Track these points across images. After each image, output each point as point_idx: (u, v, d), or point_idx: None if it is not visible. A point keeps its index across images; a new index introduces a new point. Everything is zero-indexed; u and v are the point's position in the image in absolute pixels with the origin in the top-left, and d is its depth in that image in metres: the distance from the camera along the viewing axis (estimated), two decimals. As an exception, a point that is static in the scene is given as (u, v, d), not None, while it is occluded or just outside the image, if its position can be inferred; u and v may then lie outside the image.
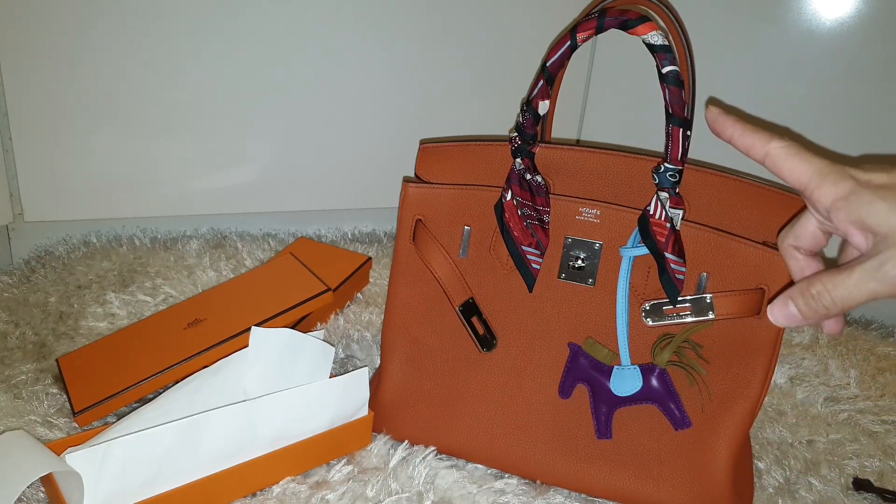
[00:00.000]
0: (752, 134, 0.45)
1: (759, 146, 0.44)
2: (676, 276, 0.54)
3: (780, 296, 0.45)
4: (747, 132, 0.45)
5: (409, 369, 0.65)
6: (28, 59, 0.91)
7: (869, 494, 0.64)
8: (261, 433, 0.58)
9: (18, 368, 0.73)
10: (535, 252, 0.58)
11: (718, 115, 0.46)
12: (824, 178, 0.41)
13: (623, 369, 0.58)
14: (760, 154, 0.44)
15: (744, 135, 0.45)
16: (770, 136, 0.44)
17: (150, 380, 0.66)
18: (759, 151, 0.44)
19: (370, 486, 0.59)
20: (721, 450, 0.58)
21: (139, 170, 1.01)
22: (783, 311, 0.45)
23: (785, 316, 0.45)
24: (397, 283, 0.64)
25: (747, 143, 0.45)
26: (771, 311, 0.45)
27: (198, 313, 0.75)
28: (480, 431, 0.63)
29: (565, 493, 0.62)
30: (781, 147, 0.43)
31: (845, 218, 0.40)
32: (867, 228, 0.40)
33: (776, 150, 0.43)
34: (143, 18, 0.94)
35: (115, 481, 0.51)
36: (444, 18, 1.06)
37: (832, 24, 0.94)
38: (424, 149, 0.64)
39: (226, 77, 1.00)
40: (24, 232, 0.98)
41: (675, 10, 0.57)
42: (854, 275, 0.40)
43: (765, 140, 0.44)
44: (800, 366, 0.85)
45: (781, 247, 0.48)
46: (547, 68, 0.55)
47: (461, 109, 1.12)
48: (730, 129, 0.46)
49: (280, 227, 1.10)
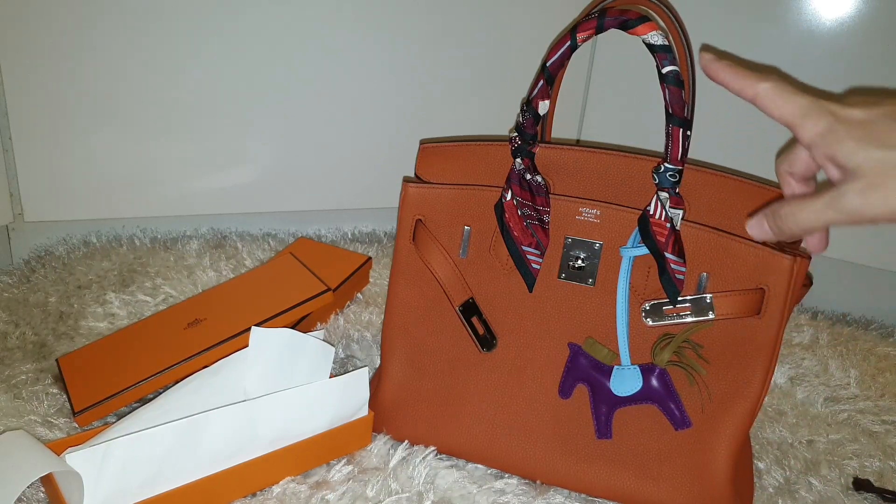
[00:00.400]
0: (742, 76, 0.47)
1: (749, 87, 0.46)
2: (676, 276, 0.54)
3: (758, 213, 0.48)
4: (738, 75, 0.47)
5: (409, 369, 0.65)
6: (28, 59, 0.91)
7: (869, 494, 0.64)
8: (261, 433, 0.58)
9: (18, 368, 0.73)
10: (535, 252, 0.58)
11: (711, 61, 0.48)
12: (806, 116, 0.43)
13: (623, 369, 0.58)
14: (751, 95, 0.46)
15: (735, 78, 0.47)
16: (759, 77, 0.46)
17: (150, 380, 0.66)
18: (749, 93, 0.46)
19: (370, 486, 0.59)
20: (721, 450, 0.58)
21: (139, 170, 1.01)
22: (758, 227, 0.48)
23: (759, 232, 0.49)
24: (397, 283, 0.64)
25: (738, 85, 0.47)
26: (749, 226, 0.49)
27: (198, 313, 0.75)
28: (480, 431, 0.63)
29: (565, 493, 0.62)
30: (769, 87, 0.45)
31: (820, 154, 0.43)
32: (837, 164, 0.42)
33: (764, 90, 0.45)
34: (143, 18, 0.94)
35: (115, 481, 0.51)
36: (444, 18, 1.06)
37: (832, 24, 0.94)
38: (424, 149, 0.64)
39: (226, 77, 1.00)
40: (24, 232, 0.98)
41: (675, 10, 0.57)
42: (817, 203, 0.43)
43: (754, 81, 0.46)
44: (800, 366, 0.85)
45: (777, 172, 0.50)
46: (547, 68, 0.55)
47: (461, 109, 1.12)
48: (722, 73, 0.48)
49: (280, 227, 1.10)
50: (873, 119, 0.42)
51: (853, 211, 0.42)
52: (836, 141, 0.42)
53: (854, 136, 0.41)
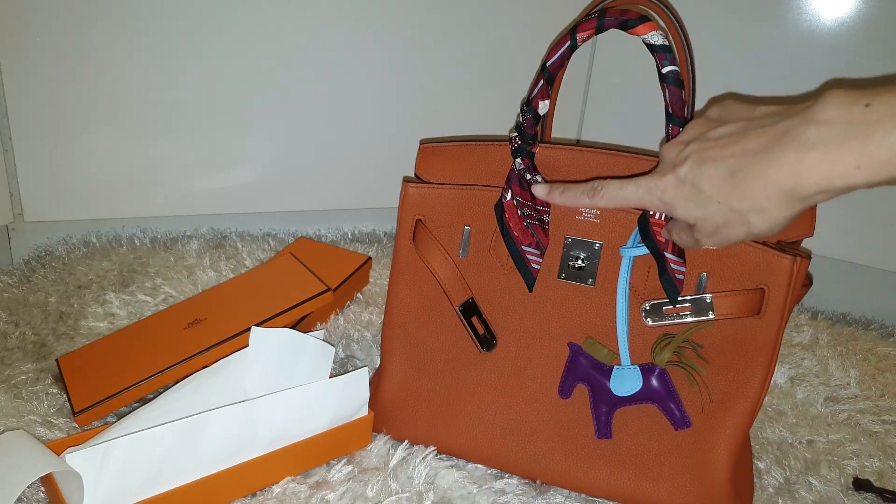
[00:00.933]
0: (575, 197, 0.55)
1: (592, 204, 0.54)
2: (676, 276, 0.54)
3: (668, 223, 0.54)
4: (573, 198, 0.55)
5: (409, 369, 0.65)
6: (28, 59, 0.91)
7: (869, 494, 0.64)
8: (261, 433, 0.58)
9: (18, 368, 0.73)
10: (535, 252, 0.58)
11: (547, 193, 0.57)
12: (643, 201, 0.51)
13: (623, 369, 0.58)
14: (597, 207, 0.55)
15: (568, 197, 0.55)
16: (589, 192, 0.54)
17: (150, 380, 0.66)
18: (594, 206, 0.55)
19: (370, 486, 0.59)
20: (721, 450, 0.58)
21: (139, 170, 1.01)
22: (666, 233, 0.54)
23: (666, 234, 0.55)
24: (397, 283, 0.64)
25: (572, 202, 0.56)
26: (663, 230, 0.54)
27: (198, 313, 0.75)
28: (480, 431, 0.63)
29: (565, 493, 0.62)
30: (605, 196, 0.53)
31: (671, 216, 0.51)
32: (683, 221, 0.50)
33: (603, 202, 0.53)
34: (143, 18, 0.94)
35: (115, 481, 0.51)
36: (444, 18, 1.06)
37: (832, 24, 0.94)
38: (424, 149, 0.64)
39: (226, 77, 1.00)
40: (24, 232, 0.98)
41: (675, 10, 0.57)
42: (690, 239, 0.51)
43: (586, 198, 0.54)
44: (800, 366, 0.85)
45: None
46: (547, 68, 0.55)
47: (461, 109, 1.12)
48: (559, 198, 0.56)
49: (280, 227, 1.10)
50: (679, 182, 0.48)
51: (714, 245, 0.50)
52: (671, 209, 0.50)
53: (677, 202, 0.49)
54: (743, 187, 0.44)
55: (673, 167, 0.48)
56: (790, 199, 0.43)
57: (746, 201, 0.45)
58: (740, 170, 0.45)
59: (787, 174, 0.42)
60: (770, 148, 0.43)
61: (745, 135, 0.45)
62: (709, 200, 0.47)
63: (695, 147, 0.48)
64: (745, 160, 0.44)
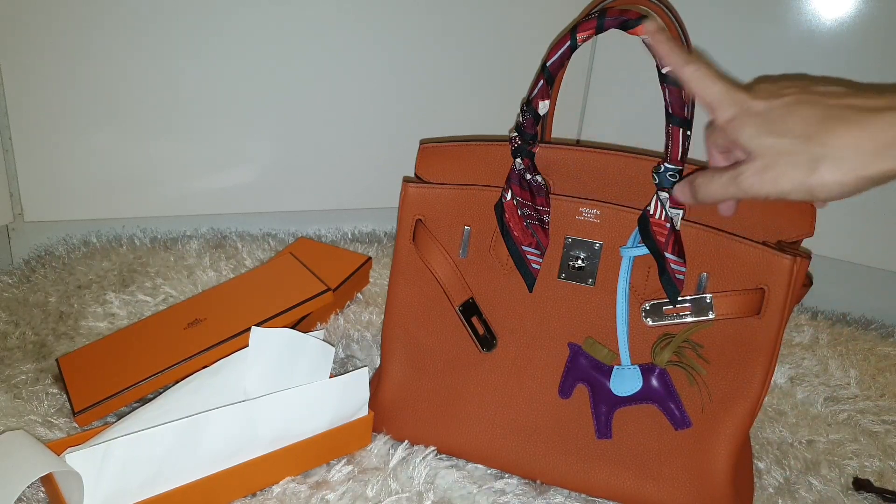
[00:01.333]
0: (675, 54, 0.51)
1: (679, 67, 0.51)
2: (676, 276, 0.54)
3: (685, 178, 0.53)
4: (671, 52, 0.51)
5: (409, 369, 0.65)
6: (28, 59, 0.91)
7: (869, 494, 0.64)
8: (261, 433, 0.58)
9: (18, 368, 0.73)
10: (535, 252, 0.58)
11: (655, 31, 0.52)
12: (720, 102, 0.49)
13: (623, 369, 0.58)
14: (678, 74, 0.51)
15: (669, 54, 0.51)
16: (687, 59, 0.50)
17: (150, 380, 0.66)
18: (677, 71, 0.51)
19: (370, 486, 0.59)
20: (721, 450, 0.58)
21: (139, 170, 1.01)
22: (681, 192, 0.53)
23: (681, 195, 0.53)
24: (397, 283, 0.64)
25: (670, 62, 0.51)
26: (674, 190, 0.54)
27: (198, 313, 0.75)
28: (480, 431, 0.63)
29: (565, 493, 0.62)
30: (694, 70, 0.50)
31: (729, 137, 0.49)
32: (740, 147, 0.48)
33: (691, 72, 0.50)
34: (143, 18, 0.94)
35: (115, 481, 0.51)
36: (444, 19, 1.06)
37: (832, 24, 0.94)
38: (424, 149, 0.64)
39: (226, 77, 1.00)
40: (24, 232, 0.98)
41: (675, 10, 0.57)
42: (722, 178, 0.49)
43: (683, 62, 0.50)
44: (800, 366, 0.85)
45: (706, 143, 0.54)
46: (547, 68, 0.55)
47: (461, 109, 1.12)
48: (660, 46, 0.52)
49: (280, 227, 1.10)
50: (770, 109, 0.47)
51: (748, 188, 0.47)
52: (740, 127, 0.47)
53: (753, 123, 0.47)
54: (834, 132, 0.44)
55: (766, 95, 0.47)
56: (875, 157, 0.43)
57: (829, 146, 0.44)
58: (837, 117, 0.44)
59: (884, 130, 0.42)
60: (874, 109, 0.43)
61: (849, 94, 0.45)
62: (788, 132, 0.45)
63: (795, 90, 0.47)
64: (846, 111, 0.44)
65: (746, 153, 0.47)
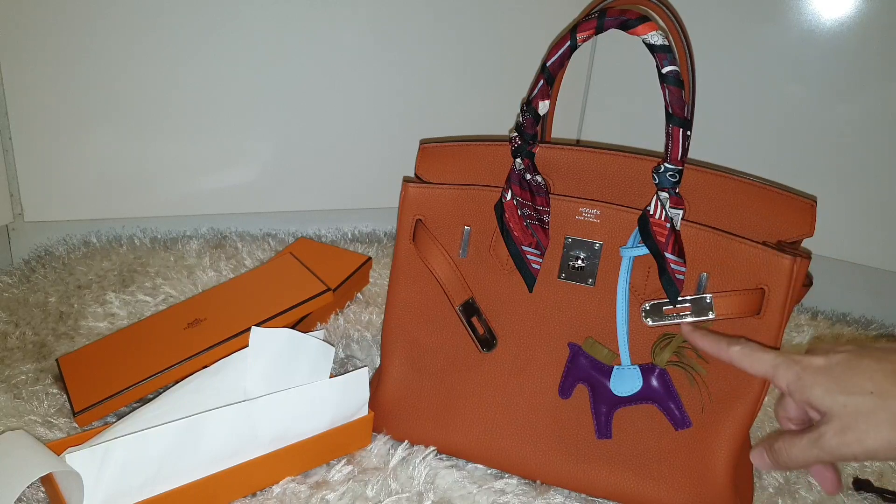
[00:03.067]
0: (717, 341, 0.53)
1: (724, 351, 0.52)
2: (676, 276, 0.54)
3: (761, 444, 0.52)
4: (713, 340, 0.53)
5: (409, 369, 0.65)
6: (28, 59, 0.91)
7: (869, 494, 0.64)
8: (261, 433, 0.58)
9: (18, 368, 0.73)
10: (535, 252, 0.58)
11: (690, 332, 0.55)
12: (777, 368, 0.49)
13: (623, 369, 0.58)
14: (726, 357, 0.52)
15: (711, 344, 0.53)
16: (730, 342, 0.52)
17: (150, 380, 0.66)
18: (724, 356, 0.52)
19: (370, 486, 0.59)
20: (721, 450, 0.58)
21: (139, 170, 1.01)
22: (759, 458, 0.52)
23: (760, 462, 0.52)
24: (397, 283, 0.64)
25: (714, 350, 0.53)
26: (751, 455, 0.52)
27: (198, 313, 0.75)
28: (480, 431, 0.63)
29: (565, 493, 0.62)
30: (740, 349, 0.51)
31: (798, 399, 0.48)
32: (813, 407, 0.47)
33: (736, 352, 0.51)
34: (143, 18, 0.94)
35: (115, 481, 0.51)
36: (444, 19, 1.06)
37: (832, 24, 0.94)
38: (424, 149, 0.64)
39: (226, 77, 1.00)
40: (24, 232, 0.98)
41: (675, 10, 0.57)
42: (802, 441, 0.47)
43: (727, 345, 0.52)
44: (800, 366, 0.85)
45: (776, 415, 0.54)
46: (547, 68, 0.55)
47: (461, 109, 1.12)
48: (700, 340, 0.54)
49: (280, 227, 1.10)
50: (831, 365, 0.46)
51: (833, 451, 0.45)
52: (808, 386, 0.47)
53: (820, 382, 0.46)
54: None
55: (823, 352, 0.47)
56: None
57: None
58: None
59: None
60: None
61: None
62: (859, 389, 0.45)
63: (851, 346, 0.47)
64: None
65: (821, 413, 0.47)
